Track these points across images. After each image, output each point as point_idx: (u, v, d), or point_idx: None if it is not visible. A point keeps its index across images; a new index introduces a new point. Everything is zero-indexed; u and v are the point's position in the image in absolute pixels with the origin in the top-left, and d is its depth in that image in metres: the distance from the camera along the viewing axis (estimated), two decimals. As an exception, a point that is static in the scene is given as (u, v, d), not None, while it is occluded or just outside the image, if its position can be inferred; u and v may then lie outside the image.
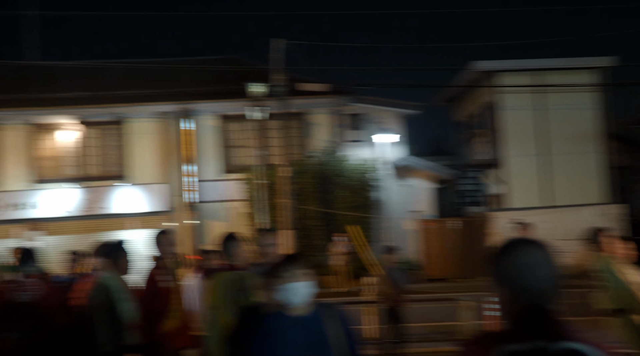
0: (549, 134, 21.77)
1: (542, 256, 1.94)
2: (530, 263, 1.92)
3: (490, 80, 21.99)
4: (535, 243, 1.98)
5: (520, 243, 2.00)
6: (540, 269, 1.91)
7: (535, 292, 1.90)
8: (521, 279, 1.91)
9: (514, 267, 1.93)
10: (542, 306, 1.90)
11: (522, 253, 1.95)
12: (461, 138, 25.25)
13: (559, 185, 21.70)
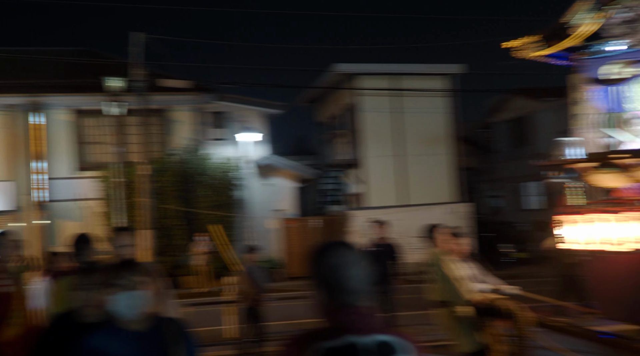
0: (404, 136, 22.77)
1: (353, 257, 2.07)
2: (342, 264, 2.04)
3: (350, 82, 22.62)
4: (347, 245, 2.11)
5: (333, 245, 2.12)
6: (351, 269, 2.04)
7: (348, 291, 2.02)
8: (334, 279, 2.03)
9: (328, 268, 2.04)
10: (354, 304, 2.01)
11: (335, 254, 2.06)
12: (323, 139, 25.77)
13: (413, 184, 22.78)
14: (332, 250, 2.09)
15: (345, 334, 1.93)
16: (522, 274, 19.22)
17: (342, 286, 2.02)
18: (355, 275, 2.04)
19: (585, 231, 6.54)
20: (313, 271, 2.09)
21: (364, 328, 1.95)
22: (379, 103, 22.51)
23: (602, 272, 6.73)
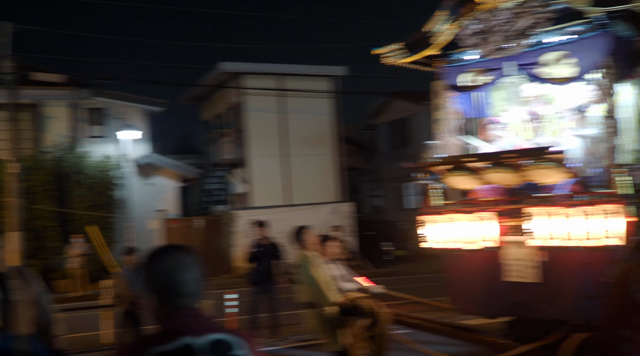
0: (289, 136, 22.95)
1: (185, 260, 2.08)
2: (173, 268, 2.05)
3: (236, 81, 22.50)
4: (180, 248, 2.12)
5: (165, 249, 2.12)
6: (183, 272, 2.05)
7: (180, 294, 2.03)
8: (166, 283, 2.03)
9: (160, 272, 2.05)
10: (187, 306, 2.04)
11: (166, 259, 2.07)
12: (208, 138, 25.44)
13: (297, 184, 23.01)
14: (163, 254, 2.09)
15: (181, 336, 1.94)
16: (399, 271, 19.99)
17: (174, 290, 2.03)
18: (187, 278, 2.05)
19: (443, 230, 6.87)
20: (145, 276, 2.08)
21: (198, 328, 1.98)
22: (264, 103, 22.55)
23: (458, 269, 7.10)
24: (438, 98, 7.60)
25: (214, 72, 22.71)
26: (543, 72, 6.33)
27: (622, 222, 5.35)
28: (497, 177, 6.21)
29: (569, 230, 5.66)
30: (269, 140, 22.64)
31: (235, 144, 23.13)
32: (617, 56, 5.81)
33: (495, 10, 6.46)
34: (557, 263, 6.05)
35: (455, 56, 7.33)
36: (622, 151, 5.82)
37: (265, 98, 22.53)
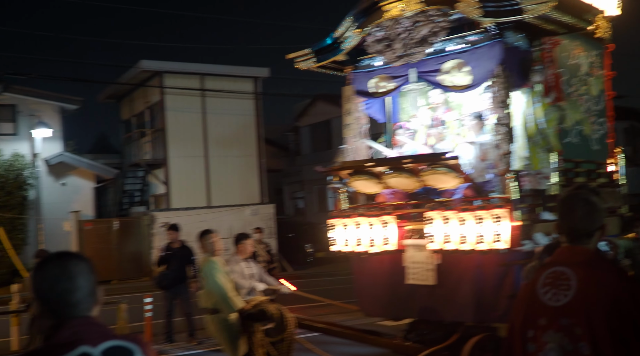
0: (210, 137, 22.69)
1: (74, 267, 2.01)
2: (61, 276, 1.98)
3: (156, 80, 22.05)
4: (69, 256, 2.05)
5: (52, 257, 2.04)
6: (73, 280, 1.98)
7: (70, 303, 1.98)
8: (54, 292, 1.98)
9: (47, 281, 1.98)
10: (81, 315, 1.99)
11: (53, 267, 2.00)
12: (127, 137, 24.82)
13: (218, 186, 22.77)
14: (51, 262, 2.02)
15: (78, 345, 1.90)
16: (318, 273, 20.13)
17: (63, 299, 1.97)
18: (77, 286, 1.98)
19: (350, 234, 6.97)
20: (34, 287, 2.01)
21: (94, 337, 1.94)
22: (185, 103, 22.20)
23: (364, 272, 7.23)
24: (348, 103, 7.71)
25: (134, 70, 22.17)
26: (443, 79, 6.53)
27: (508, 226, 5.59)
28: (397, 181, 6.36)
29: (463, 233, 5.86)
30: (189, 141, 22.30)
31: (155, 144, 22.66)
32: (509, 65, 6.06)
33: (398, 18, 6.61)
34: (453, 266, 6.26)
35: (365, 62, 7.47)
36: (513, 157, 6.08)
37: (186, 98, 22.18)
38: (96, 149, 28.09)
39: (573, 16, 6.00)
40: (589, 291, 2.36)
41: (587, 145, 7.67)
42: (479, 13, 5.86)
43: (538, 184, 6.21)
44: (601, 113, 8.06)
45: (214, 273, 6.31)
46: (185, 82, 22.03)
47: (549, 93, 6.67)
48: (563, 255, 2.53)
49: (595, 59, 7.97)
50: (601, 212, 2.51)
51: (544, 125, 6.09)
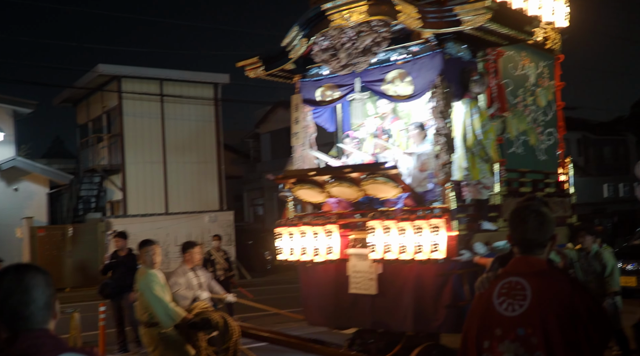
0: (169, 142, 22.46)
1: (31, 281, 2.00)
2: (17, 289, 1.98)
3: (114, 84, 21.75)
4: (24, 268, 2.04)
5: (10, 270, 2.03)
6: (29, 293, 1.98)
7: (24, 316, 1.97)
8: (9, 305, 1.97)
9: (2, 294, 1.98)
10: (36, 328, 1.98)
11: (9, 279, 1.99)
12: (84, 142, 24.38)
13: (177, 192, 22.53)
14: (7, 275, 2.01)
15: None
16: (275, 281, 20.02)
17: (17, 312, 1.96)
18: (33, 298, 1.98)
19: (296, 243, 6.93)
20: None
21: (49, 349, 1.93)
22: (143, 108, 21.94)
23: (309, 281, 7.20)
24: (296, 112, 7.69)
25: (92, 74, 21.84)
26: (387, 89, 6.56)
27: (445, 236, 5.62)
28: (339, 190, 6.35)
29: (402, 243, 5.88)
30: (147, 146, 22.03)
31: (112, 149, 22.33)
32: (450, 76, 6.11)
33: (343, 28, 6.62)
34: (394, 276, 6.27)
35: (313, 71, 7.46)
36: (453, 168, 6.13)
37: (144, 103, 21.93)
38: (51, 154, 27.54)
39: (512, 28, 6.07)
40: (544, 301, 2.39)
41: (534, 155, 7.79)
42: (419, 24, 5.90)
43: (479, 194, 6.27)
44: (550, 124, 8.19)
45: (152, 286, 6.10)
46: (143, 87, 21.78)
47: (492, 104, 6.76)
48: (517, 265, 2.55)
49: (545, 70, 8.10)
50: (552, 222, 2.56)
51: (482, 136, 6.15)
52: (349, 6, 6.52)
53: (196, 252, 7.18)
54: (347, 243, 6.66)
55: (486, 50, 6.76)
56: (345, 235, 6.69)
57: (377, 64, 6.69)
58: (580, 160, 31.70)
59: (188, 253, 7.04)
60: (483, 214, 6.30)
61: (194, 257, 7.13)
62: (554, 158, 8.31)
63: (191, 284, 6.97)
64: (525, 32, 6.28)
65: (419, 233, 5.74)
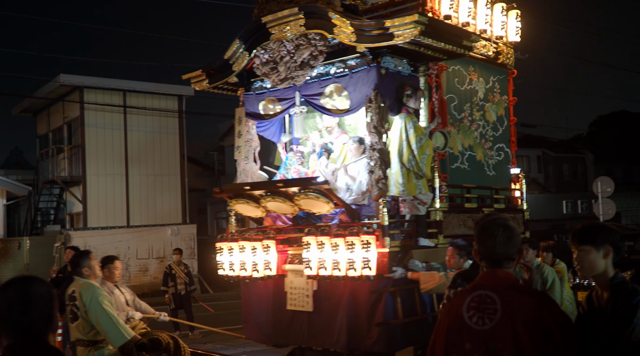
0: (131, 154, 22.17)
1: (36, 292, 2.06)
2: (19, 299, 2.03)
3: (76, 95, 21.43)
4: (34, 280, 2.11)
5: (15, 281, 2.10)
6: (29, 304, 2.03)
7: (24, 326, 2.02)
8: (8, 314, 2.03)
9: (5, 303, 2.03)
10: (29, 339, 2.02)
11: (13, 289, 2.06)
12: (43, 153, 23.95)
13: (139, 205, 22.22)
14: (10, 286, 2.07)
15: None
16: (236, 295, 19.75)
17: (18, 322, 2.02)
18: (33, 309, 2.03)
19: (236, 258, 6.81)
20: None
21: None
22: (106, 119, 21.64)
23: (249, 297, 7.07)
24: (239, 125, 7.59)
25: (53, 84, 21.48)
26: (325, 103, 6.49)
27: (375, 252, 5.55)
28: (274, 205, 6.25)
29: (336, 259, 5.78)
30: (109, 158, 21.70)
31: (73, 161, 21.94)
32: (386, 90, 6.06)
33: (282, 41, 6.56)
34: (329, 292, 6.17)
35: (257, 84, 7.37)
36: (389, 183, 6.07)
37: (107, 114, 21.63)
38: (9, 164, 27.01)
39: (448, 42, 6.05)
40: (514, 315, 2.38)
41: (481, 170, 7.76)
42: (353, 38, 5.86)
43: (415, 210, 6.21)
44: (500, 139, 8.16)
45: (101, 301, 5.52)
46: (106, 98, 21.50)
47: (434, 118, 6.73)
48: (486, 279, 2.54)
49: (496, 85, 8.10)
50: (518, 236, 2.58)
51: (417, 151, 6.10)
52: (287, 19, 6.47)
53: (116, 267, 6.42)
54: (285, 259, 6.56)
55: (428, 64, 6.74)
56: (284, 251, 6.59)
57: (317, 77, 6.63)
58: (540, 177, 32.20)
59: (107, 268, 6.25)
60: (420, 230, 6.24)
61: (114, 272, 6.36)
62: (504, 174, 8.30)
63: (120, 303, 6.47)
64: (464, 47, 6.27)
65: (351, 249, 5.66)
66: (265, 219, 7.05)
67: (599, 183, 14.78)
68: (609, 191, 14.71)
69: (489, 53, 7.96)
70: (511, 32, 8.32)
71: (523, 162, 31.40)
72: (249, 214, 6.77)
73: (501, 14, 8.00)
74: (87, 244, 21.02)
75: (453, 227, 6.81)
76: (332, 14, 5.97)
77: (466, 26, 7.28)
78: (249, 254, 6.65)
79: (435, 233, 6.47)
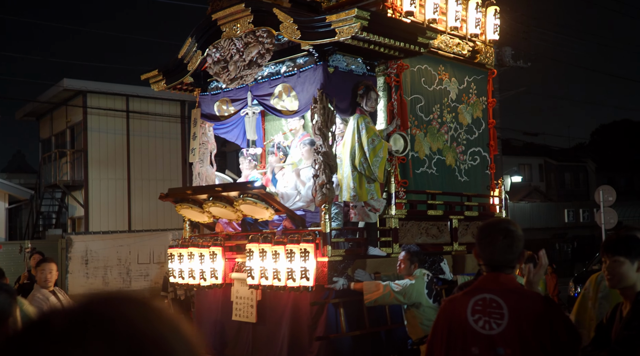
0: (134, 159, 22.09)
1: None
2: None
3: (79, 99, 21.41)
4: None
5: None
6: None
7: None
8: None
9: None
10: None
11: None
12: (46, 157, 23.99)
13: (141, 210, 22.11)
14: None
15: None
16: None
17: None
18: None
19: (185, 265, 6.52)
20: None
21: None
22: (109, 124, 21.58)
23: (201, 306, 6.79)
24: (194, 127, 7.32)
25: (56, 89, 21.48)
26: (275, 103, 6.19)
27: (313, 261, 5.21)
28: (217, 210, 5.95)
29: (276, 268, 5.46)
30: (111, 163, 21.63)
31: (75, 165, 21.92)
32: (335, 90, 5.72)
33: (233, 39, 6.27)
34: (272, 303, 5.85)
35: (213, 84, 7.09)
36: (343, 187, 5.73)
37: (110, 119, 21.57)
38: (11, 168, 27.08)
39: (398, 39, 5.68)
40: (521, 319, 2.35)
41: (451, 175, 7.36)
42: (298, 35, 5.53)
43: (366, 217, 5.85)
44: (475, 143, 7.75)
45: (24, 309, 5.36)
46: (109, 102, 21.44)
47: (393, 120, 6.37)
48: (488, 282, 2.48)
49: (472, 85, 7.70)
50: (520, 240, 2.50)
51: (369, 154, 5.73)
52: (236, 16, 6.17)
53: (44, 269, 5.41)
54: (232, 267, 6.25)
55: (387, 63, 6.39)
56: (232, 258, 6.28)
57: (267, 77, 6.33)
58: (542, 185, 31.61)
59: (40, 271, 5.42)
60: (370, 239, 5.87)
61: (48, 276, 5.42)
62: (479, 180, 7.88)
63: None
64: (419, 44, 5.90)
65: (290, 258, 5.32)
66: (217, 225, 6.76)
67: (600, 192, 14.22)
68: (610, 200, 14.15)
69: (464, 52, 7.57)
70: (489, 29, 7.92)
71: (525, 170, 30.80)
72: (197, 219, 6.49)
73: (476, 11, 7.61)
74: (88, 248, 20.97)
75: (412, 235, 6.43)
76: (276, 10, 5.66)
77: (432, 23, 6.92)
78: (197, 261, 6.36)
79: (389, 242, 6.09)
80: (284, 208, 5.68)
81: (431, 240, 6.67)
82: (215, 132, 7.41)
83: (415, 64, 6.83)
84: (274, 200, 5.52)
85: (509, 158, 25.89)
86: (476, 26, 7.58)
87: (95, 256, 21.54)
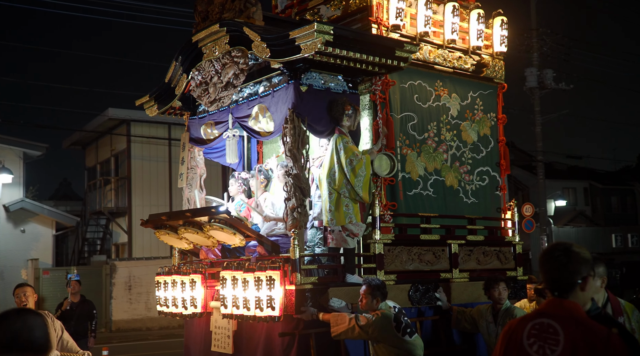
0: (176, 186, 22.31)
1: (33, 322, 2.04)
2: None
3: (123, 128, 21.90)
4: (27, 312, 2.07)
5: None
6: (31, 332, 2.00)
7: None
8: None
9: None
10: None
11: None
12: (91, 184, 24.59)
13: (181, 235, 22.28)
14: None
15: None
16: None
17: None
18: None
19: (169, 293, 6.36)
20: None
21: None
22: (151, 152, 21.95)
23: (187, 335, 6.59)
24: (183, 152, 7.20)
25: (101, 118, 22.06)
26: (253, 125, 5.98)
27: (279, 290, 4.91)
28: (191, 236, 5.75)
29: (245, 297, 5.20)
30: (154, 190, 21.96)
31: (119, 192, 22.37)
32: (308, 109, 5.47)
33: (211, 60, 6.12)
34: (246, 333, 5.58)
35: (201, 107, 6.97)
36: (324, 210, 5.45)
37: (152, 147, 21.95)
38: (58, 196, 27.88)
39: (370, 54, 5.39)
40: (578, 351, 2.27)
41: (454, 197, 6.94)
42: (268, 53, 5.33)
43: (343, 242, 5.52)
44: (482, 162, 7.32)
45: None
46: (152, 130, 21.83)
47: (378, 139, 6.06)
48: (550, 307, 2.43)
49: (477, 101, 7.30)
50: (582, 262, 2.41)
51: (349, 174, 5.42)
52: (213, 37, 6.03)
53: (25, 292, 5.17)
54: (210, 295, 6.02)
55: (372, 80, 6.10)
56: (212, 286, 6.06)
57: (247, 98, 6.14)
58: (587, 209, 30.21)
59: (16, 296, 5.18)
60: (348, 265, 5.53)
61: (23, 299, 5.14)
62: (488, 202, 7.41)
63: None
64: (396, 58, 5.58)
65: (257, 286, 5.06)
66: (200, 252, 6.55)
67: (648, 214, 13.38)
68: (658, 222, 13.28)
69: (466, 66, 7.20)
70: (496, 41, 7.51)
71: (569, 194, 29.51)
72: (177, 246, 6.32)
73: (478, 22, 7.23)
74: (131, 274, 21.25)
75: (402, 261, 6.04)
76: (246, 29, 5.48)
77: (425, 36, 6.60)
78: (179, 289, 6.18)
79: (373, 269, 5.73)
80: (254, 233, 5.44)
81: (425, 267, 6.26)
82: (208, 156, 7.29)
83: (407, 80, 6.51)
84: (241, 225, 5.29)
85: (553, 181, 24.90)
86: (478, 38, 7.20)
87: (138, 281, 21.82)
